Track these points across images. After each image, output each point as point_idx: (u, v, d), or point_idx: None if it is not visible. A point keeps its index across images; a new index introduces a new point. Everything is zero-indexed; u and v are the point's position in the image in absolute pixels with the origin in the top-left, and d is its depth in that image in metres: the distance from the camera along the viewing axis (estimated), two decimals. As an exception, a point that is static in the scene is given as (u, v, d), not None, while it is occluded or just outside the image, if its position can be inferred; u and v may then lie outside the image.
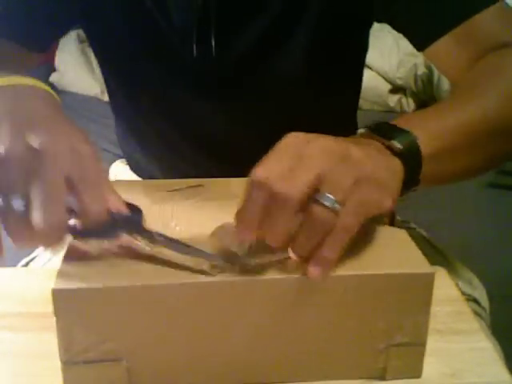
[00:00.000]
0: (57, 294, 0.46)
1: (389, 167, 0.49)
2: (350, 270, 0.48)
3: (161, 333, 0.48)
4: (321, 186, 0.44)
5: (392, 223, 0.57)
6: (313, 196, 0.44)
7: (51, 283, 0.47)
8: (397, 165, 0.50)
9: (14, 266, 0.82)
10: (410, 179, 0.52)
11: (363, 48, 0.85)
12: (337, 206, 0.44)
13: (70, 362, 0.48)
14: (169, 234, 0.53)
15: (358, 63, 0.87)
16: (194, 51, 0.75)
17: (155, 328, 0.48)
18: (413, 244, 0.53)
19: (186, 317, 0.48)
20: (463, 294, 0.75)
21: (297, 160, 0.45)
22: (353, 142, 0.49)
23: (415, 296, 0.49)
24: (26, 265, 0.83)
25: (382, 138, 0.51)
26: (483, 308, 0.78)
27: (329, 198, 0.44)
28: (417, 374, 0.52)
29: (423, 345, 0.51)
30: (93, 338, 0.47)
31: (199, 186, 0.63)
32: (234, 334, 0.49)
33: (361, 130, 0.54)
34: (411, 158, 0.52)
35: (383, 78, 2.74)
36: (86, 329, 0.47)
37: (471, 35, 0.66)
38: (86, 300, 0.47)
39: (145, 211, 0.57)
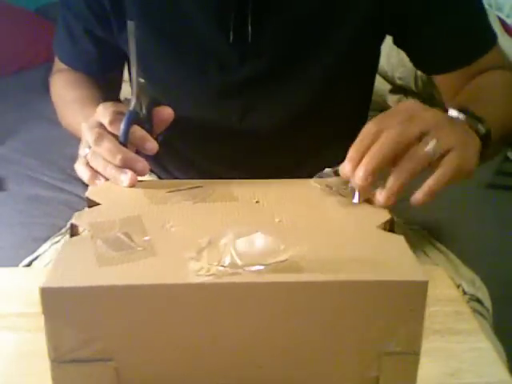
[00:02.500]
0: (44, 293, 0.46)
1: (474, 144, 0.62)
2: (341, 275, 0.47)
3: (150, 333, 0.48)
4: (424, 137, 0.56)
5: (391, 229, 0.56)
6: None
7: (51, 283, 0.46)
8: (477, 144, 0.63)
9: (16, 265, 0.82)
10: (482, 155, 0.63)
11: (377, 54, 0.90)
12: (437, 151, 0.56)
13: (59, 360, 0.48)
14: (164, 234, 0.53)
15: (376, 61, 0.91)
16: (231, 36, 0.76)
17: (144, 328, 0.47)
18: (409, 251, 0.52)
19: (174, 317, 0.47)
20: (466, 294, 0.75)
21: (408, 118, 0.56)
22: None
23: (408, 304, 0.48)
24: (30, 264, 0.83)
25: (469, 122, 0.65)
26: (486, 308, 0.78)
27: (430, 143, 0.56)
28: (411, 383, 0.51)
29: (417, 354, 0.50)
30: (81, 337, 0.47)
31: (198, 187, 0.63)
32: (226, 337, 0.48)
33: (452, 110, 0.66)
34: (486, 141, 0.65)
35: (383, 78, 2.73)
36: (74, 328, 0.47)
37: (475, 69, 0.81)
38: (74, 299, 0.46)
39: (143, 211, 0.57)
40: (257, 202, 0.60)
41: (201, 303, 0.47)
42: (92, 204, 0.59)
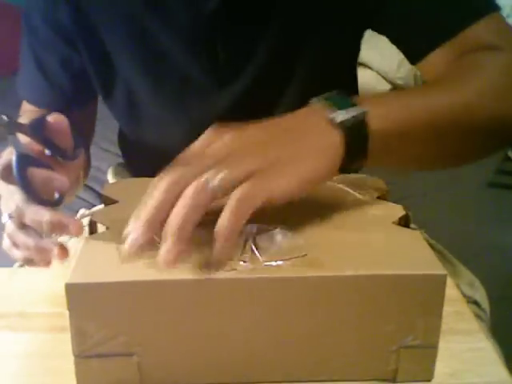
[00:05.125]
0: (70, 288, 0.46)
1: (312, 145, 0.49)
2: (361, 269, 0.48)
3: (172, 328, 0.48)
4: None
5: (407, 224, 0.57)
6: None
7: (51, 283, 0.47)
8: (332, 139, 0.50)
9: (13, 265, 0.82)
10: (355, 153, 0.51)
11: (356, 51, 0.84)
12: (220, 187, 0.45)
13: (83, 355, 0.48)
14: None
15: (352, 67, 0.87)
16: (204, 62, 0.74)
17: (166, 323, 0.48)
18: (426, 245, 0.52)
19: (197, 312, 0.48)
20: (464, 295, 0.74)
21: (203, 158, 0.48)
22: (282, 120, 0.52)
23: (427, 297, 0.48)
24: (23, 264, 0.82)
25: (328, 109, 0.51)
26: (483, 310, 0.77)
27: (213, 180, 0.45)
28: (428, 376, 0.51)
29: (435, 347, 0.50)
30: (105, 332, 0.48)
31: None
32: (246, 331, 0.49)
33: (313, 99, 0.53)
34: (355, 131, 0.51)
35: (383, 77, 2.73)
36: (98, 323, 0.47)
37: (462, 47, 0.65)
38: (99, 294, 0.47)
39: None
40: None
41: (223, 298, 0.47)
42: (108, 201, 0.60)
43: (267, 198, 0.46)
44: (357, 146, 0.51)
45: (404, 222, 0.57)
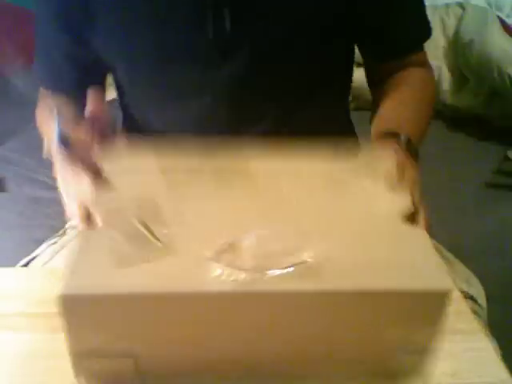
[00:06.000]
0: (64, 299, 0.46)
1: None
2: (362, 282, 0.47)
3: (170, 335, 0.48)
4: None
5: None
6: None
7: (52, 283, 0.47)
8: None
9: (14, 265, 0.82)
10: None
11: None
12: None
13: (79, 357, 0.48)
14: (183, 227, 0.52)
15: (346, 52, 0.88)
16: (210, 32, 0.76)
17: (165, 331, 0.48)
18: (432, 250, 0.51)
19: (195, 324, 0.48)
20: (460, 291, 0.74)
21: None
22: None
23: (428, 311, 0.48)
24: (26, 264, 0.82)
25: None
26: (480, 305, 0.77)
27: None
28: (427, 379, 0.52)
29: (433, 352, 0.50)
30: (102, 337, 0.47)
31: (221, 169, 0.60)
32: (245, 341, 0.49)
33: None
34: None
35: (383, 78, 2.74)
36: (93, 330, 0.47)
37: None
38: (93, 304, 0.46)
39: (161, 197, 0.55)
40: (279, 190, 0.58)
41: (221, 309, 0.47)
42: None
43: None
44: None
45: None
